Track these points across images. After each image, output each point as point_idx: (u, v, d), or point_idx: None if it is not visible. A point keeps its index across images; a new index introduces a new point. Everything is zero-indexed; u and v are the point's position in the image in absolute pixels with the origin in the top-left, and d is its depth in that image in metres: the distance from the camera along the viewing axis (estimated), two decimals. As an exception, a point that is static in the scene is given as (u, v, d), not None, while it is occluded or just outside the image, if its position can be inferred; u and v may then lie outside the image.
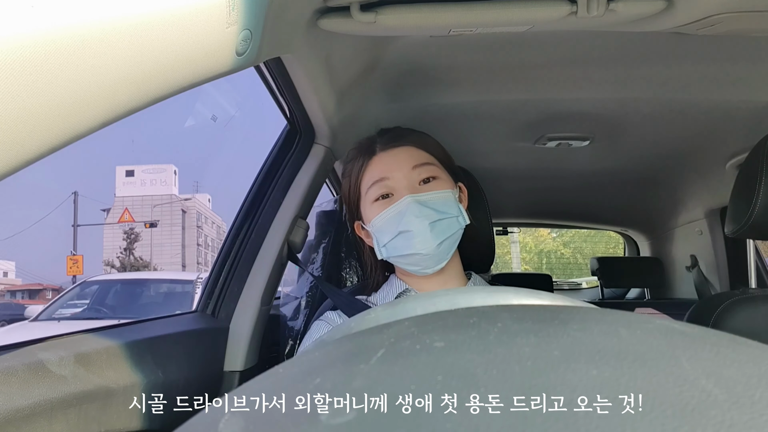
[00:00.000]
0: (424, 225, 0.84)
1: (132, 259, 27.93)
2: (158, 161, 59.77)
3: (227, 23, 0.53)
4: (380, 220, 0.88)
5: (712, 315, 1.03)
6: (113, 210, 31.23)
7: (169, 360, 0.88)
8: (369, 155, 0.93)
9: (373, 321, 0.37)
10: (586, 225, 3.37)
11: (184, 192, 34.09)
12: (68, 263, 16.53)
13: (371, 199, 0.90)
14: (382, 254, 0.90)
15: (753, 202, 0.99)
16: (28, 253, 44.45)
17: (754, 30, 0.90)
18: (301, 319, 1.28)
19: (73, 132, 0.41)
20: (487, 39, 1.07)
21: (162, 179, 33.13)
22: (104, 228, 30.60)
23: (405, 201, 0.86)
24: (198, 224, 31.67)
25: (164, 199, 32.21)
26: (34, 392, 0.63)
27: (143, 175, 33.45)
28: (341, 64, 1.05)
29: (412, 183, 0.88)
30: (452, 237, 0.87)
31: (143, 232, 28.52)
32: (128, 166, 34.31)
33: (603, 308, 0.29)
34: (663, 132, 1.58)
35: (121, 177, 33.53)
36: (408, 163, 0.89)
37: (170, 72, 0.48)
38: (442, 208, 0.86)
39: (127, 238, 28.12)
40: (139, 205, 31.46)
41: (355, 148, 0.98)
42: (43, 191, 55.39)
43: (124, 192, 32.56)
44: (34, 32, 0.34)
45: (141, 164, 36.46)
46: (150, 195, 32.34)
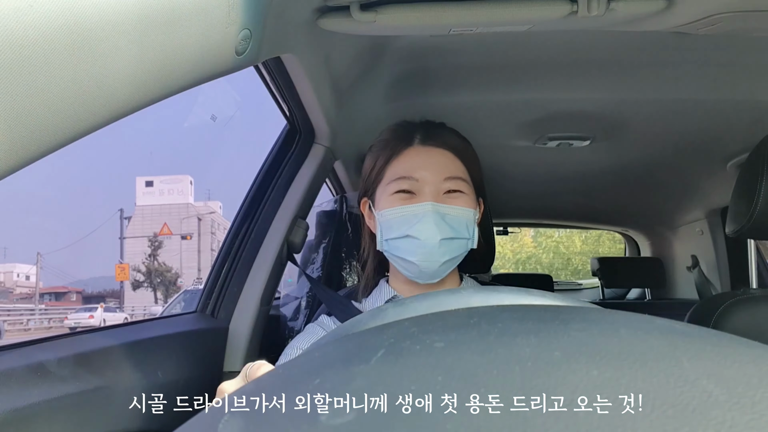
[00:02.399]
0: (435, 239, 0.81)
1: (156, 264, 29.29)
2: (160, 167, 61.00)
3: (227, 23, 0.53)
4: (393, 214, 0.85)
5: (712, 315, 1.02)
6: (134, 218, 32.99)
7: (168, 360, 0.88)
8: (405, 144, 0.88)
9: (381, 320, 0.36)
10: (587, 225, 3.37)
11: (198, 200, 35.53)
12: (117, 270, 17.71)
13: (391, 191, 0.86)
14: (382, 246, 0.88)
15: (754, 202, 0.99)
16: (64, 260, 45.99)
17: (754, 30, 0.90)
18: (301, 319, 1.28)
19: (73, 132, 0.41)
20: (487, 39, 1.07)
21: (179, 189, 34.75)
22: (126, 234, 32.32)
23: (426, 206, 0.82)
24: (212, 231, 32.51)
25: (181, 208, 33.63)
26: (34, 393, 0.63)
27: (161, 186, 35.15)
28: (341, 64, 1.05)
29: (439, 191, 0.84)
30: (456, 258, 0.85)
31: (165, 240, 30.03)
32: (147, 177, 36.17)
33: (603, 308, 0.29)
34: (664, 132, 1.58)
35: (141, 187, 35.26)
36: (442, 171, 0.85)
37: (170, 71, 0.48)
38: (458, 227, 0.83)
39: (151, 245, 29.64)
40: (157, 213, 33.10)
41: (392, 130, 0.93)
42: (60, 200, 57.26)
43: (144, 201, 34.21)
44: (33, 32, 0.34)
45: (157, 175, 38.22)
46: (168, 204, 33.91)
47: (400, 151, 0.88)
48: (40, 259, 26.80)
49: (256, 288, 1.09)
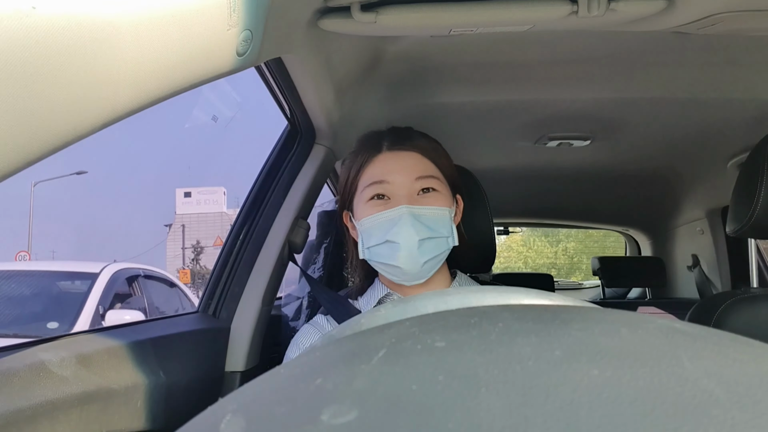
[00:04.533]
0: (413, 241, 0.82)
1: (198, 267, 32.15)
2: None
3: (228, 25, 0.53)
4: (370, 222, 0.86)
5: (713, 314, 1.02)
6: (174, 225, 36.23)
7: (170, 360, 0.88)
8: (374, 151, 0.90)
9: (382, 319, 0.36)
10: (587, 225, 3.37)
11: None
12: (180, 274, 21.77)
13: (366, 198, 0.88)
14: (365, 255, 0.88)
15: (754, 202, 0.99)
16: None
17: (754, 29, 0.90)
18: (302, 319, 1.28)
19: (74, 132, 0.41)
20: (488, 39, 1.07)
21: (214, 199, 37.98)
22: (167, 241, 35.60)
23: (401, 210, 0.83)
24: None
25: (215, 216, 36.64)
26: (36, 393, 0.63)
27: (198, 196, 38.45)
28: (342, 65, 1.05)
29: (412, 192, 0.86)
30: (438, 257, 0.85)
31: (206, 247, 33.11)
32: (186, 188, 39.56)
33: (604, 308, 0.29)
34: (664, 131, 1.58)
35: (180, 197, 38.58)
36: (412, 172, 0.86)
37: (171, 72, 0.48)
38: (434, 226, 0.84)
39: (194, 251, 32.74)
40: (195, 221, 36.04)
41: (361, 141, 0.95)
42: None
43: (183, 210, 37.50)
44: (35, 34, 0.35)
45: (195, 186, 42.48)
46: (204, 213, 37.12)
47: (370, 159, 0.89)
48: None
49: (258, 288, 1.10)
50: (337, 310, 0.93)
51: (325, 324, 0.93)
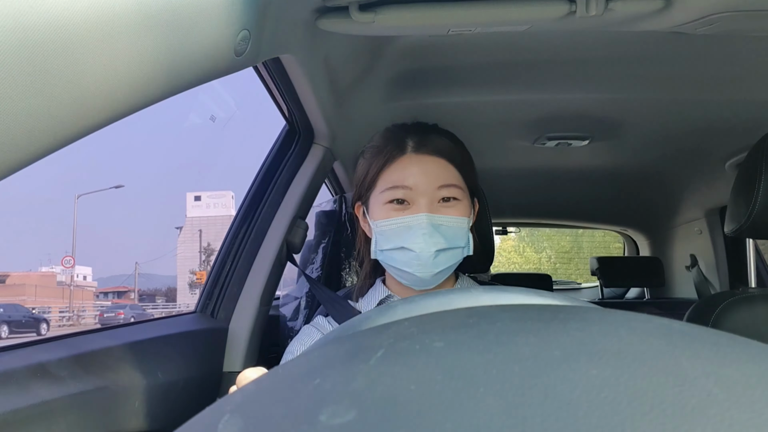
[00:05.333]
0: (429, 251, 0.81)
1: (208, 268, 33.53)
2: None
3: (226, 23, 0.53)
4: (387, 225, 0.84)
5: (711, 314, 1.03)
6: (185, 228, 37.86)
7: (168, 361, 0.88)
8: (398, 152, 0.86)
9: (391, 317, 0.36)
10: (586, 225, 3.37)
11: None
12: (197, 276, 22.88)
13: (385, 200, 0.85)
14: (377, 256, 0.88)
15: (752, 202, 0.99)
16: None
17: (752, 29, 0.90)
18: (300, 319, 1.28)
19: (74, 132, 0.41)
20: (486, 39, 1.07)
21: (223, 203, 39.05)
22: (178, 244, 37.40)
23: (420, 218, 0.82)
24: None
25: (225, 219, 38.08)
26: (34, 393, 0.63)
27: (208, 200, 39.68)
28: (340, 64, 1.05)
29: (433, 200, 0.84)
30: (451, 267, 0.85)
31: (216, 250, 35.23)
32: (196, 192, 40.93)
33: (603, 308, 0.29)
34: (662, 131, 1.58)
35: (191, 201, 39.85)
36: (435, 180, 0.84)
37: (169, 72, 0.48)
38: (452, 237, 0.83)
39: (205, 252, 33.67)
40: (204, 224, 37.12)
41: (385, 135, 0.90)
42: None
43: (193, 213, 38.90)
44: (34, 33, 0.34)
45: (205, 190, 44.13)
46: (213, 216, 38.18)
47: (393, 159, 0.86)
48: (138, 267, 31.70)
49: (256, 288, 1.09)
50: (337, 311, 0.93)
51: (326, 325, 0.93)
